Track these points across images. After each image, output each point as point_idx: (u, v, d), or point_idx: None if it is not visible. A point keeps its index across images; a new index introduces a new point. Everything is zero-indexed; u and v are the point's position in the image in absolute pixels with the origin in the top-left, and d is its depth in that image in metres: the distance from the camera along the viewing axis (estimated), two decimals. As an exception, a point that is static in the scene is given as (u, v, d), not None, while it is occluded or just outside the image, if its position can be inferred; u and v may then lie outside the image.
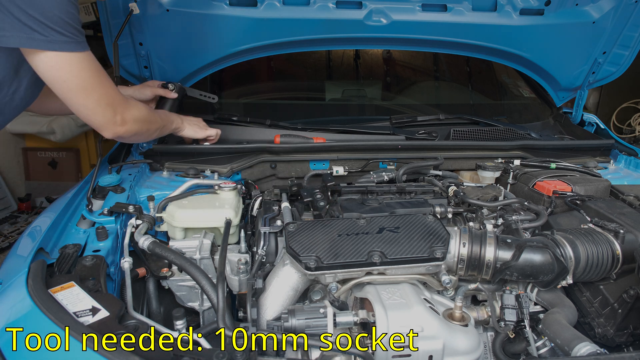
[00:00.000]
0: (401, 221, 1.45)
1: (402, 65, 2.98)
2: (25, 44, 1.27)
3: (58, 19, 1.26)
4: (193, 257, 1.42)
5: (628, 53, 2.31)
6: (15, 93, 1.45)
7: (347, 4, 2.08)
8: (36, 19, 1.23)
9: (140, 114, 1.59)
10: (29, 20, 1.23)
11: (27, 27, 1.23)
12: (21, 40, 1.26)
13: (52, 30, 1.26)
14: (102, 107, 1.43)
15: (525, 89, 2.92)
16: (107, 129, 1.49)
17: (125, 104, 1.52)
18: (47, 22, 1.24)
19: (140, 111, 1.59)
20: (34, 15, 1.23)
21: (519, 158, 2.12)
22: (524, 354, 1.45)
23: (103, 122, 1.47)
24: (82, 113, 1.44)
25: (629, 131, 6.75)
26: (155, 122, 1.71)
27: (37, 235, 1.37)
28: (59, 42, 1.28)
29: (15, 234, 4.17)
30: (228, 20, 2.04)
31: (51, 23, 1.25)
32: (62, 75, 1.34)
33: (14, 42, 1.26)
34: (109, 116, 1.46)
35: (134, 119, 1.54)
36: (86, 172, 4.72)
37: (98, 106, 1.43)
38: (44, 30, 1.25)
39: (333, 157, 2.04)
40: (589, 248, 1.40)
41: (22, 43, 1.26)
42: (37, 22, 1.24)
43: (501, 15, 2.15)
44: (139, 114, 1.57)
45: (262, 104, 2.76)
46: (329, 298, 1.30)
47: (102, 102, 1.43)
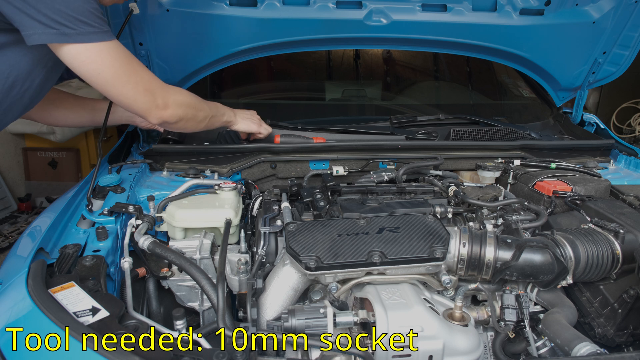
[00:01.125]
0: (401, 221, 1.45)
1: (402, 65, 2.98)
2: (55, 39, 1.24)
3: (84, 10, 1.24)
4: (193, 257, 1.42)
5: (628, 53, 2.31)
6: (27, 92, 1.44)
7: (347, 4, 2.08)
8: (62, 12, 1.21)
9: (184, 98, 1.57)
10: (56, 14, 1.21)
11: (55, 22, 1.21)
12: (51, 36, 1.23)
13: (80, 22, 1.24)
14: (140, 93, 1.42)
15: (525, 89, 2.92)
16: (151, 114, 1.47)
17: (165, 87, 1.50)
18: (74, 14, 1.22)
19: (182, 95, 1.57)
20: (60, 9, 1.21)
21: (519, 158, 2.12)
22: (524, 354, 1.45)
23: (145, 108, 1.45)
24: (123, 102, 1.43)
25: (629, 131, 6.75)
26: (203, 110, 1.67)
27: (37, 235, 1.37)
28: (88, 33, 1.26)
29: (15, 234, 4.17)
30: (228, 20, 2.04)
31: (78, 15, 1.23)
32: (96, 67, 1.32)
33: (43, 39, 1.23)
34: (150, 100, 1.44)
35: (177, 102, 1.52)
36: (86, 172, 4.72)
37: (137, 93, 1.41)
38: (73, 23, 1.23)
39: (333, 157, 2.04)
40: (589, 248, 1.40)
41: (52, 39, 1.24)
42: (63, 16, 1.21)
43: (501, 15, 2.15)
44: (181, 97, 1.56)
45: (262, 104, 2.76)
46: (329, 298, 1.30)
47: (140, 88, 1.41)
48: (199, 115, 1.66)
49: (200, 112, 1.66)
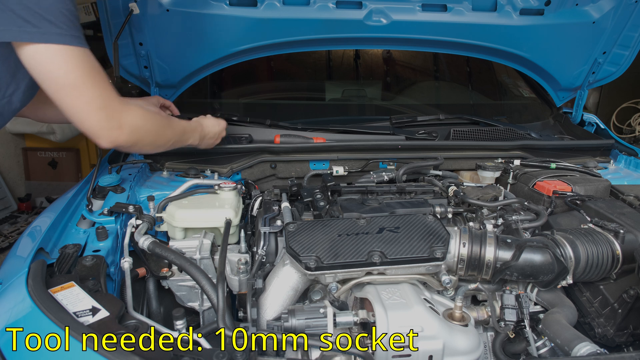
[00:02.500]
0: (401, 221, 1.45)
1: (402, 65, 2.98)
2: (17, 37, 1.15)
3: (54, 9, 1.16)
4: (193, 257, 1.42)
5: (628, 53, 2.31)
6: (13, 95, 1.37)
7: (347, 4, 2.08)
8: (30, 9, 1.13)
9: (144, 123, 1.41)
10: (23, 10, 1.13)
11: (20, 19, 1.13)
12: (12, 34, 1.15)
13: (46, 21, 1.15)
14: (94, 110, 1.26)
15: (525, 89, 2.92)
16: (102, 135, 1.30)
17: (123, 108, 1.34)
18: (41, 12, 1.14)
19: (144, 120, 1.41)
20: (27, 5, 1.14)
21: (519, 158, 2.12)
22: (524, 354, 1.45)
23: (97, 128, 1.28)
24: (75, 117, 1.28)
25: (629, 131, 6.75)
26: (163, 136, 1.53)
27: (37, 235, 1.37)
28: (52, 34, 1.16)
29: (15, 234, 4.18)
30: (228, 20, 2.04)
31: (45, 13, 1.14)
32: (52, 70, 1.21)
33: (5, 37, 1.15)
34: (102, 120, 1.28)
35: (134, 127, 1.36)
36: (86, 172, 4.72)
37: (89, 108, 1.26)
38: (38, 22, 1.14)
39: (333, 157, 2.04)
40: (589, 248, 1.40)
41: (14, 36, 1.15)
42: (30, 13, 1.13)
43: (501, 15, 2.15)
44: (141, 122, 1.39)
45: (262, 104, 2.76)
46: (329, 298, 1.30)
47: (94, 104, 1.26)
48: (158, 141, 1.53)
49: (160, 139, 1.53)
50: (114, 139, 1.32)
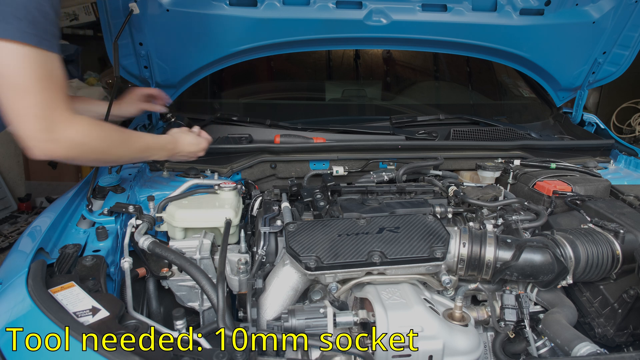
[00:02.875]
0: (401, 221, 1.45)
1: (402, 65, 2.98)
2: None
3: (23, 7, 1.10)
4: (193, 257, 1.42)
5: (628, 53, 2.31)
6: None
7: (347, 4, 2.08)
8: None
9: (86, 139, 1.25)
10: None
11: None
12: None
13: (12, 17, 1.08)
14: (31, 117, 1.15)
15: (525, 89, 2.92)
16: (33, 146, 1.17)
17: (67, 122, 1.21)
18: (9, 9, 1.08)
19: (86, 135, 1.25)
20: None
21: (519, 158, 2.12)
22: (524, 354, 1.45)
23: (29, 137, 1.16)
24: (11, 119, 1.16)
25: (629, 131, 6.75)
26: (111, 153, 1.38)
27: (37, 235, 1.37)
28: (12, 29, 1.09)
29: (15, 234, 4.17)
30: (228, 20, 2.04)
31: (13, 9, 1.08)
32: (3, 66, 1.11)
33: None
34: (37, 130, 1.16)
35: (74, 141, 1.22)
36: (86, 172, 4.71)
37: (27, 114, 1.14)
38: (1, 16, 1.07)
39: (333, 157, 2.04)
40: (589, 248, 1.40)
41: None
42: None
43: (501, 15, 2.15)
44: (83, 138, 1.24)
45: (262, 104, 2.76)
46: (329, 298, 1.30)
47: (33, 111, 1.15)
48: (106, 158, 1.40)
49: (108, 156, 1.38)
50: (46, 151, 1.20)
